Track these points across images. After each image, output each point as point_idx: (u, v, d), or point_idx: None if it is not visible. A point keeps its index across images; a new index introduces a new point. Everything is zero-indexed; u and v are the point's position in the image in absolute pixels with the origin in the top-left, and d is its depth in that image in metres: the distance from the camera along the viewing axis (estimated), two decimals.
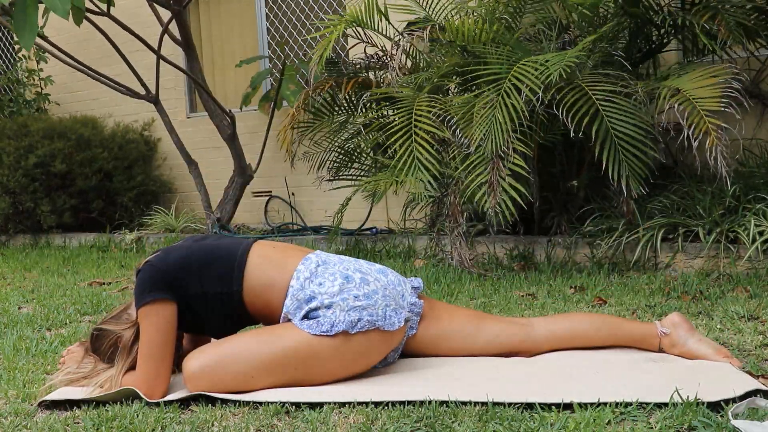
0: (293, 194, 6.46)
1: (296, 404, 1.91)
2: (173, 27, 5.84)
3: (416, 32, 4.23)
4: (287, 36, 6.58)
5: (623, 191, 3.59)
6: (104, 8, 5.63)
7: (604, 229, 3.86)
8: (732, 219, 3.54)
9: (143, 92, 6.04)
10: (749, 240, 3.35)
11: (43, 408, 2.03)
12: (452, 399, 1.85)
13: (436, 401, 1.84)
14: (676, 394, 1.78)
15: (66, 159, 6.39)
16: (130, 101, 6.81)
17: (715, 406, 1.75)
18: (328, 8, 6.31)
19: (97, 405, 1.99)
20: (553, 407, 1.80)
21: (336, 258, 2.19)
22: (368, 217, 5.67)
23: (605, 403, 1.78)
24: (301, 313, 2.05)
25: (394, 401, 1.87)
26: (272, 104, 6.02)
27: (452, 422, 1.74)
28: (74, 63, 5.86)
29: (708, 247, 3.48)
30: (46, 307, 3.49)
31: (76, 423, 1.89)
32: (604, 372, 2.03)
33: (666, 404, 1.76)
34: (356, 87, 4.72)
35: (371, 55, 4.86)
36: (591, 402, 1.79)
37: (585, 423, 1.67)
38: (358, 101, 4.73)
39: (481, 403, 1.83)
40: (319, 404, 1.90)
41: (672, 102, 3.50)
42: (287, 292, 2.09)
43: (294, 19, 6.52)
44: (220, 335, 2.16)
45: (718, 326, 2.55)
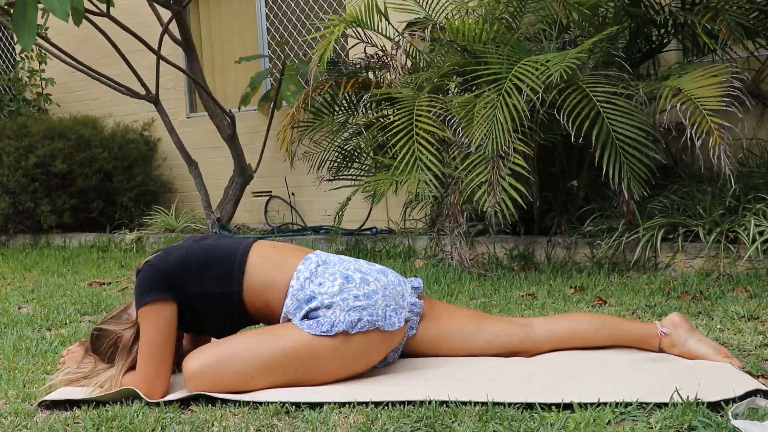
0: (293, 194, 6.46)
1: (296, 404, 1.91)
2: (173, 27, 5.84)
3: (416, 32, 4.23)
4: (287, 36, 6.58)
5: (624, 193, 3.59)
6: (104, 9, 5.64)
7: (604, 229, 3.86)
8: (732, 219, 3.54)
9: (143, 92, 6.04)
10: (749, 240, 3.35)
11: (43, 408, 2.03)
12: (452, 399, 1.85)
13: (436, 401, 1.84)
14: (676, 394, 1.78)
15: (66, 159, 6.39)
16: (130, 101, 6.81)
17: (715, 406, 1.75)
18: (328, 8, 6.31)
19: (97, 405, 1.99)
20: (553, 407, 1.80)
21: (336, 258, 2.19)
22: (368, 217, 5.67)
23: (605, 403, 1.78)
24: (301, 313, 2.05)
25: (394, 401, 1.87)
26: (272, 104, 6.02)
27: (452, 422, 1.74)
28: (74, 63, 5.86)
29: (708, 247, 3.48)
30: (46, 307, 3.49)
31: (76, 423, 1.89)
32: (604, 372, 2.03)
33: (666, 404, 1.76)
34: (356, 87, 4.72)
35: (371, 55, 4.86)
36: (591, 402, 1.79)
37: (585, 423, 1.67)
38: (358, 101, 4.73)
39: (481, 403, 1.83)
40: (319, 404, 1.90)
41: (674, 102, 3.50)
42: (287, 292, 2.09)
43: (294, 19, 6.52)
44: (220, 335, 2.16)
45: (718, 326, 2.55)
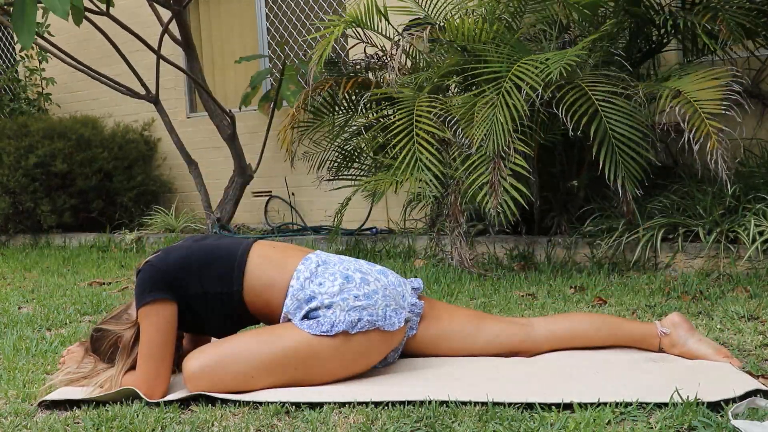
0: (293, 194, 6.46)
1: (296, 404, 1.91)
2: (173, 27, 5.84)
3: (416, 32, 4.23)
4: (287, 36, 6.58)
5: (621, 192, 3.60)
6: (104, 8, 5.64)
7: (604, 229, 3.86)
8: (732, 219, 3.54)
9: (143, 92, 6.04)
10: (749, 240, 3.35)
11: (43, 408, 2.03)
12: (452, 399, 1.85)
13: (436, 401, 1.84)
14: (676, 394, 1.78)
15: (66, 159, 6.39)
16: (130, 101, 6.81)
17: (715, 406, 1.75)
18: (328, 8, 6.31)
19: (97, 405, 1.99)
20: (553, 407, 1.80)
21: (336, 258, 2.19)
22: (368, 217, 5.67)
23: (605, 403, 1.78)
24: (301, 313, 2.05)
25: (394, 401, 1.87)
26: (272, 104, 6.02)
27: (452, 422, 1.74)
28: (74, 63, 5.86)
29: (708, 247, 3.48)
30: (46, 307, 3.49)
31: (76, 423, 1.89)
32: (604, 372, 2.03)
33: (666, 404, 1.76)
34: (356, 87, 4.72)
35: (371, 55, 4.86)
36: (591, 402, 1.79)
37: (585, 423, 1.67)
38: (358, 101, 4.73)
39: (481, 403, 1.83)
40: (319, 404, 1.90)
41: (673, 104, 3.51)
42: (287, 292, 2.09)
43: (294, 19, 6.52)
44: (220, 335, 2.16)
45: (718, 326, 2.55)
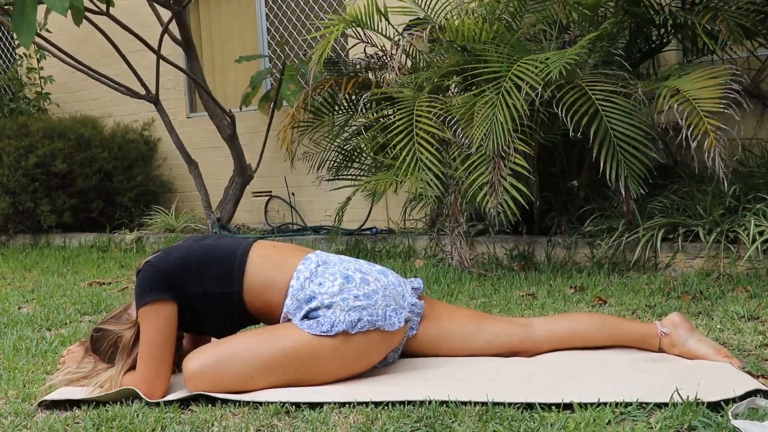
0: (293, 194, 6.46)
1: (296, 404, 1.91)
2: (173, 27, 5.84)
3: (416, 32, 4.23)
4: (287, 36, 6.58)
5: (622, 192, 3.60)
6: (104, 8, 5.64)
7: (604, 229, 3.86)
8: (732, 219, 3.54)
9: (143, 92, 6.04)
10: (749, 240, 3.35)
11: (43, 408, 2.03)
12: (452, 399, 1.85)
13: (436, 401, 1.84)
14: (676, 394, 1.78)
15: (66, 159, 6.39)
16: (130, 101, 6.81)
17: (715, 406, 1.75)
18: (328, 8, 6.31)
19: (97, 405, 1.99)
20: (553, 407, 1.80)
21: (336, 258, 2.19)
22: (368, 217, 5.67)
23: (605, 403, 1.78)
24: (301, 313, 2.05)
25: (394, 401, 1.87)
26: (272, 104, 6.02)
27: (452, 422, 1.74)
28: (74, 63, 5.86)
29: (708, 247, 3.48)
30: (46, 307, 3.49)
31: (76, 423, 1.89)
32: (604, 372, 2.03)
33: (666, 404, 1.76)
34: (356, 87, 4.72)
35: (371, 55, 4.86)
36: (591, 402, 1.79)
37: (585, 423, 1.67)
38: (358, 101, 4.73)
39: (481, 403, 1.83)
40: (319, 404, 1.90)
41: (671, 102, 3.50)
42: (287, 292, 2.09)
43: (294, 19, 6.52)
44: (220, 335, 2.16)
45: (718, 326, 2.55)
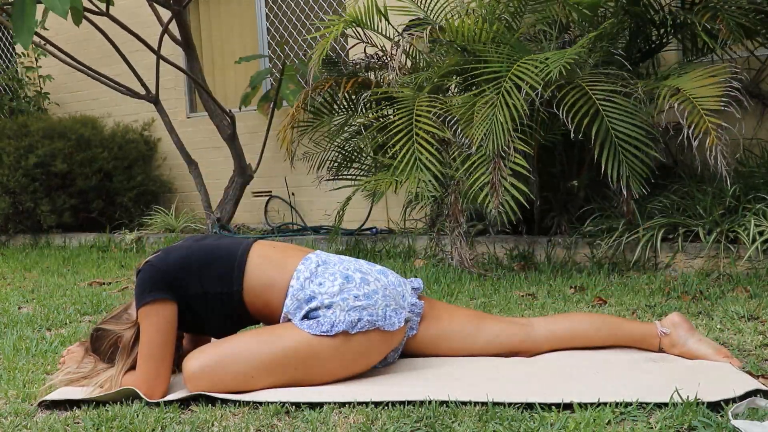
0: (293, 194, 6.46)
1: (296, 404, 1.91)
2: (173, 27, 5.84)
3: (416, 32, 4.23)
4: (287, 36, 6.58)
5: (623, 192, 3.59)
6: (103, 8, 5.64)
7: (604, 229, 3.86)
8: (732, 219, 3.54)
9: (143, 92, 6.04)
10: (749, 240, 3.35)
11: (43, 408, 2.03)
12: (452, 399, 1.85)
13: (436, 401, 1.84)
14: (676, 394, 1.78)
15: (66, 159, 6.39)
16: (130, 101, 6.81)
17: (715, 406, 1.75)
18: (328, 8, 6.31)
19: (97, 405, 1.99)
20: (553, 407, 1.80)
21: (336, 258, 2.19)
22: (368, 217, 5.67)
23: (605, 403, 1.78)
24: (301, 313, 2.05)
25: (394, 401, 1.87)
26: (272, 104, 6.02)
27: (452, 422, 1.74)
28: (74, 63, 5.86)
29: (708, 247, 3.48)
30: (46, 307, 3.49)
31: (76, 423, 1.89)
32: (604, 372, 2.03)
33: (666, 404, 1.76)
34: (356, 87, 4.72)
35: (371, 55, 4.86)
36: (591, 402, 1.79)
37: (585, 423, 1.67)
38: (358, 101, 4.73)
39: (481, 403, 1.83)
40: (319, 404, 1.90)
41: (672, 101, 3.50)
42: (287, 292, 2.09)
43: (294, 19, 6.52)
44: (220, 335, 2.16)
45: (718, 326, 2.55)
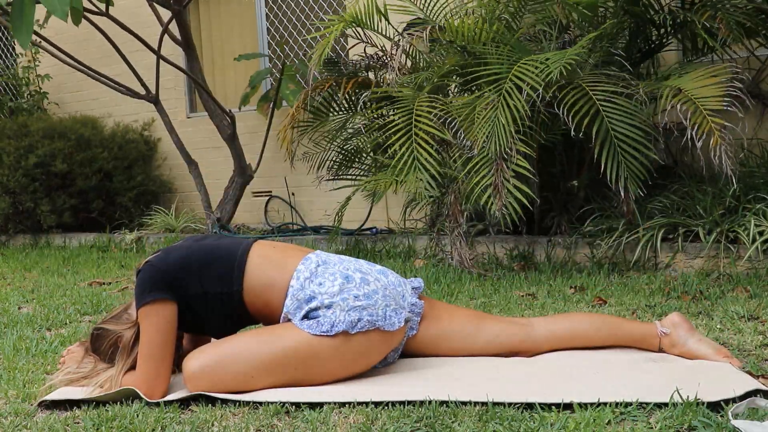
0: (293, 194, 6.46)
1: (296, 404, 1.91)
2: (173, 27, 5.84)
3: (416, 32, 4.23)
4: (287, 36, 6.58)
5: (621, 192, 3.59)
6: (103, 8, 5.63)
7: (604, 229, 3.86)
8: (732, 219, 3.54)
9: (143, 92, 6.04)
10: (749, 240, 3.35)
11: (43, 408, 2.03)
12: (452, 399, 1.85)
13: (436, 401, 1.84)
14: (676, 394, 1.78)
15: (66, 159, 6.39)
16: (130, 101, 6.81)
17: (715, 406, 1.75)
18: (328, 8, 6.31)
19: (97, 405, 1.99)
20: (553, 407, 1.80)
21: (336, 258, 2.19)
22: (368, 217, 5.67)
23: (605, 403, 1.78)
24: (301, 313, 2.05)
25: (394, 401, 1.87)
26: (272, 104, 6.02)
27: (452, 422, 1.74)
28: (74, 63, 5.86)
29: (708, 247, 3.48)
30: (46, 307, 3.49)
31: (76, 423, 1.89)
32: (604, 372, 2.03)
33: (666, 404, 1.76)
34: (356, 87, 4.72)
35: (371, 55, 4.86)
36: (591, 402, 1.79)
37: (585, 423, 1.67)
38: (358, 101, 4.73)
39: (481, 403, 1.83)
40: (319, 404, 1.90)
41: (674, 102, 3.50)
42: (287, 292, 2.09)
43: (294, 19, 6.52)
44: (220, 335, 2.16)
45: (718, 326, 2.55)
